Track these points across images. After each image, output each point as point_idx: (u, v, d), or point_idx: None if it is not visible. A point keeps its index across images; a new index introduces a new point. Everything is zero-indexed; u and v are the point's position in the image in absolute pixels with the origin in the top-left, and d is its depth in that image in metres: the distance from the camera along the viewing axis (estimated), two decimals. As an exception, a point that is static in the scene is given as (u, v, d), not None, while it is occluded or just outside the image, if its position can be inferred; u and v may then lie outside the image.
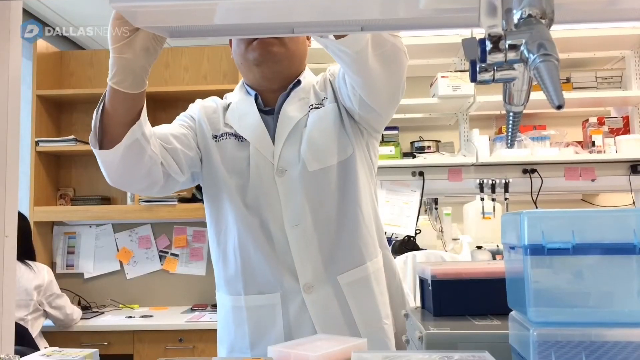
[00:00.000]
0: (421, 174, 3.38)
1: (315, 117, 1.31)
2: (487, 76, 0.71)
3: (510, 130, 0.86)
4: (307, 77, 1.38)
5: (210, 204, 1.35)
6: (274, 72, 1.30)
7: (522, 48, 0.64)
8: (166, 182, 1.25)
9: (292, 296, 1.26)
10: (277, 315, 1.26)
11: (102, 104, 1.08)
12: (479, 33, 0.70)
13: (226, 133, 1.33)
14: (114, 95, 1.05)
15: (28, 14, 3.91)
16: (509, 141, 0.87)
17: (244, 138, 1.30)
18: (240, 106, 1.34)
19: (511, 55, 0.65)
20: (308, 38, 1.41)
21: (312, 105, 1.32)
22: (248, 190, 1.28)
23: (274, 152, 1.28)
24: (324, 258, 1.27)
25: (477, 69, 0.70)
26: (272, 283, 1.27)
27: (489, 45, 0.66)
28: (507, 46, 0.65)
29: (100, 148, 1.11)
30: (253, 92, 1.34)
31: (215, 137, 1.34)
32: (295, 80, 1.34)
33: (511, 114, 0.83)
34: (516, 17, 0.66)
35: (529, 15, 0.65)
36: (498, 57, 0.66)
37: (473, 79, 0.71)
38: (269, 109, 1.34)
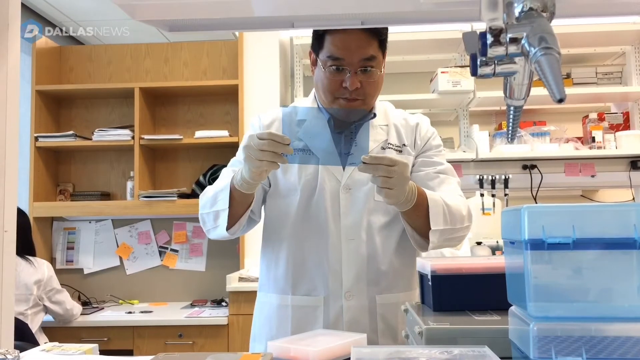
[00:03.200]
0: (421, 169, 3.37)
1: None
2: (487, 70, 0.70)
3: (510, 125, 0.86)
4: (385, 110, 1.49)
5: (270, 211, 1.47)
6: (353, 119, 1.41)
7: (523, 41, 0.63)
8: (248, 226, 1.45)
9: (334, 300, 1.38)
10: (319, 316, 1.38)
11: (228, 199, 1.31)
12: (480, 28, 0.70)
13: (296, 148, 1.39)
14: (238, 194, 1.30)
15: (27, 9, 3.90)
16: (510, 136, 0.87)
17: (314, 153, 1.41)
18: (314, 125, 1.43)
19: (512, 48, 0.65)
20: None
21: (390, 144, 1.44)
22: (312, 201, 1.40)
23: (343, 173, 1.40)
24: (369, 275, 1.39)
25: (478, 62, 0.69)
26: (318, 287, 1.39)
27: (489, 39, 0.66)
28: (508, 39, 0.65)
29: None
30: (327, 115, 1.42)
31: None
32: (371, 114, 1.43)
33: (512, 108, 0.82)
34: (517, 10, 0.66)
35: (530, 9, 0.65)
36: (499, 50, 0.66)
37: (474, 73, 0.71)
38: (339, 130, 1.42)
